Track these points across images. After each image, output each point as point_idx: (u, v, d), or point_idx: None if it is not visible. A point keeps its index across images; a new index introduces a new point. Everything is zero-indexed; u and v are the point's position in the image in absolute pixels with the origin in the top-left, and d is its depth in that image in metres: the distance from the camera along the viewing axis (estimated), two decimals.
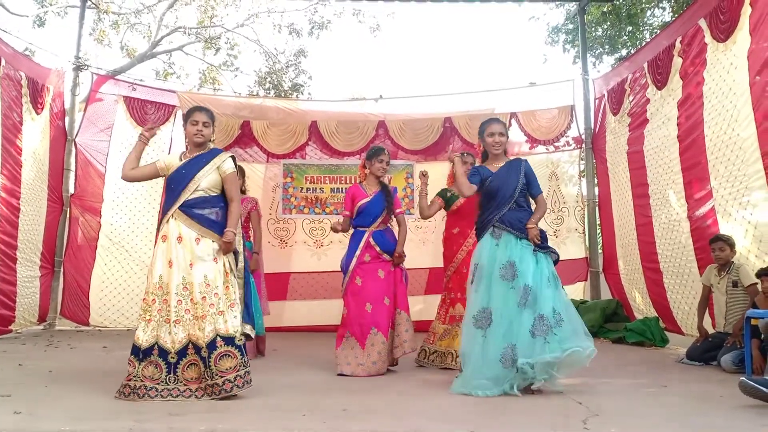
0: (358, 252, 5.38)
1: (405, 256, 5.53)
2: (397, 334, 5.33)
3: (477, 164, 5.11)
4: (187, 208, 4.18)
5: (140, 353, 4.01)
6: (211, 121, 4.37)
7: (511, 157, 4.94)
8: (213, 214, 4.23)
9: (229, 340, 4.04)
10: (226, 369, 3.99)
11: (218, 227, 4.23)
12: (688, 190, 6.71)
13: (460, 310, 5.51)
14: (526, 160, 4.84)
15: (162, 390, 3.96)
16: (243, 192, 6.30)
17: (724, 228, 6.08)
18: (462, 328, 4.66)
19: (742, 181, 5.81)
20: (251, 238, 6.40)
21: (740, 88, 5.77)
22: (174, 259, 4.10)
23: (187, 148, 4.51)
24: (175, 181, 4.25)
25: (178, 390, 3.99)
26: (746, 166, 5.73)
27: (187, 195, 4.19)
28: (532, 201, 4.79)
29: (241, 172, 6.17)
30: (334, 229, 5.59)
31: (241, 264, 4.54)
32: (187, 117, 4.38)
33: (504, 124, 4.95)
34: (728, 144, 5.97)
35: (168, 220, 4.19)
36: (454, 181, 5.51)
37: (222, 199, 4.32)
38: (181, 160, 4.36)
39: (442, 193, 6.01)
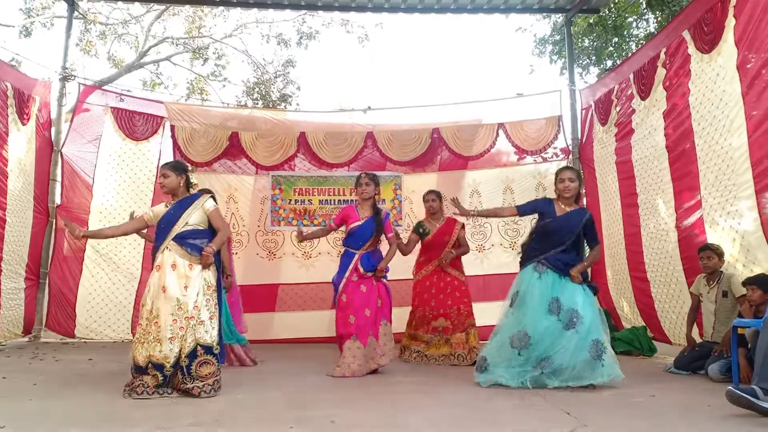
0: (347, 273, 5.83)
1: (386, 272, 5.98)
2: (379, 344, 5.76)
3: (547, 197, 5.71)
4: (181, 239, 4.71)
5: (139, 369, 4.50)
6: (174, 171, 4.93)
7: (582, 206, 5.47)
8: (204, 243, 4.75)
9: (208, 348, 4.57)
10: (206, 375, 4.51)
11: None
12: (677, 200, 6.74)
13: (442, 322, 6.64)
14: (590, 213, 5.35)
15: (158, 389, 4.43)
16: None
17: (712, 237, 6.12)
18: (493, 341, 5.15)
19: (731, 191, 5.84)
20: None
21: (732, 99, 5.79)
22: (167, 285, 4.58)
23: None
24: (165, 221, 4.81)
25: (167, 392, 4.47)
26: (736, 175, 5.76)
27: (178, 230, 4.73)
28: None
29: None
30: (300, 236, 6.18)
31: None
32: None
33: (577, 172, 5.49)
34: (719, 153, 6.00)
35: (162, 251, 4.70)
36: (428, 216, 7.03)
37: (210, 233, 4.86)
38: (167, 207, 4.92)
39: (416, 230, 6.99)
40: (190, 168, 5.11)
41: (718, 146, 6.01)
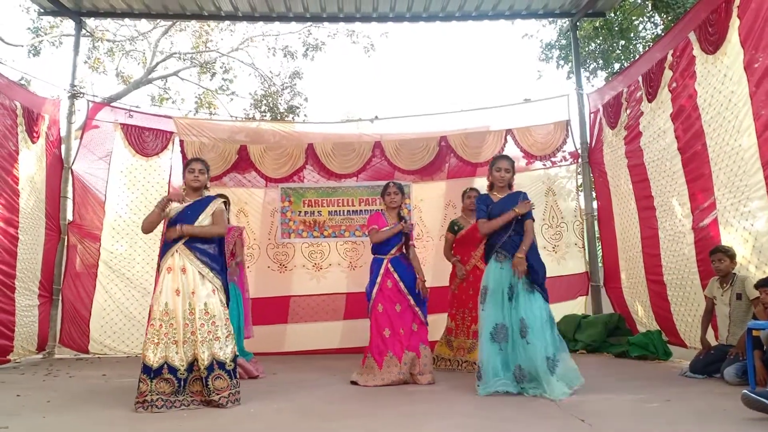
0: (379, 279, 5.92)
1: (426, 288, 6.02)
2: (419, 363, 5.79)
3: (481, 193, 5.77)
4: (191, 243, 4.79)
5: (151, 372, 4.48)
6: (206, 168, 5.08)
7: (514, 191, 5.48)
8: (211, 248, 4.87)
9: (221, 364, 4.64)
10: (221, 388, 4.58)
11: (216, 260, 4.87)
12: (692, 202, 6.69)
13: None
14: (525, 193, 5.39)
15: (174, 401, 4.50)
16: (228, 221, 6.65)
17: (726, 238, 6.07)
18: (480, 343, 5.19)
19: (744, 192, 5.81)
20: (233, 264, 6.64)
21: (741, 99, 5.76)
22: (180, 288, 4.68)
23: (184, 191, 5.06)
24: (180, 221, 4.82)
25: (188, 400, 4.56)
26: (748, 176, 5.73)
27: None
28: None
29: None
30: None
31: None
32: (185, 166, 5.09)
33: (512, 162, 5.51)
34: (730, 154, 5.97)
35: (173, 254, 4.76)
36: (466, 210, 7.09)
37: (217, 237, 4.95)
38: (181, 202, 4.94)
39: (450, 228, 7.09)
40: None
41: (729, 147, 5.98)
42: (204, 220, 4.87)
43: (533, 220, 5.31)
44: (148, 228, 4.90)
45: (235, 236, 6.70)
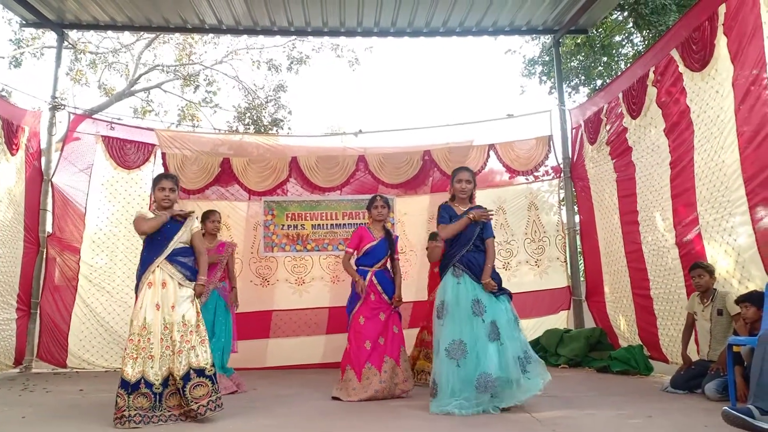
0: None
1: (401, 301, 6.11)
2: (401, 370, 5.84)
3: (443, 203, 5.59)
4: (173, 257, 4.83)
5: (129, 387, 4.47)
6: (176, 186, 5.05)
7: (475, 204, 5.48)
8: (191, 261, 4.95)
9: (200, 371, 4.64)
10: (200, 396, 4.57)
11: (193, 272, 4.94)
12: (675, 217, 6.72)
13: None
14: (485, 208, 5.36)
15: (152, 417, 4.48)
16: (215, 234, 6.78)
17: (710, 253, 6.11)
18: (436, 360, 5.05)
19: (726, 207, 5.85)
20: (225, 279, 6.70)
21: (726, 115, 5.82)
22: (160, 302, 4.71)
23: (150, 208, 5.10)
24: (163, 234, 4.86)
25: (165, 416, 4.54)
26: (730, 192, 5.77)
27: (173, 247, 4.85)
28: None
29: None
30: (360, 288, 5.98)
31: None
32: (155, 184, 5.04)
33: (472, 173, 5.49)
34: (714, 170, 6.02)
35: (153, 270, 4.78)
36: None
37: (193, 251, 5.04)
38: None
39: (432, 237, 6.91)
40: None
41: (713, 163, 6.04)
42: (183, 235, 4.92)
43: (494, 238, 5.31)
44: (149, 230, 4.80)
45: (228, 252, 6.70)
